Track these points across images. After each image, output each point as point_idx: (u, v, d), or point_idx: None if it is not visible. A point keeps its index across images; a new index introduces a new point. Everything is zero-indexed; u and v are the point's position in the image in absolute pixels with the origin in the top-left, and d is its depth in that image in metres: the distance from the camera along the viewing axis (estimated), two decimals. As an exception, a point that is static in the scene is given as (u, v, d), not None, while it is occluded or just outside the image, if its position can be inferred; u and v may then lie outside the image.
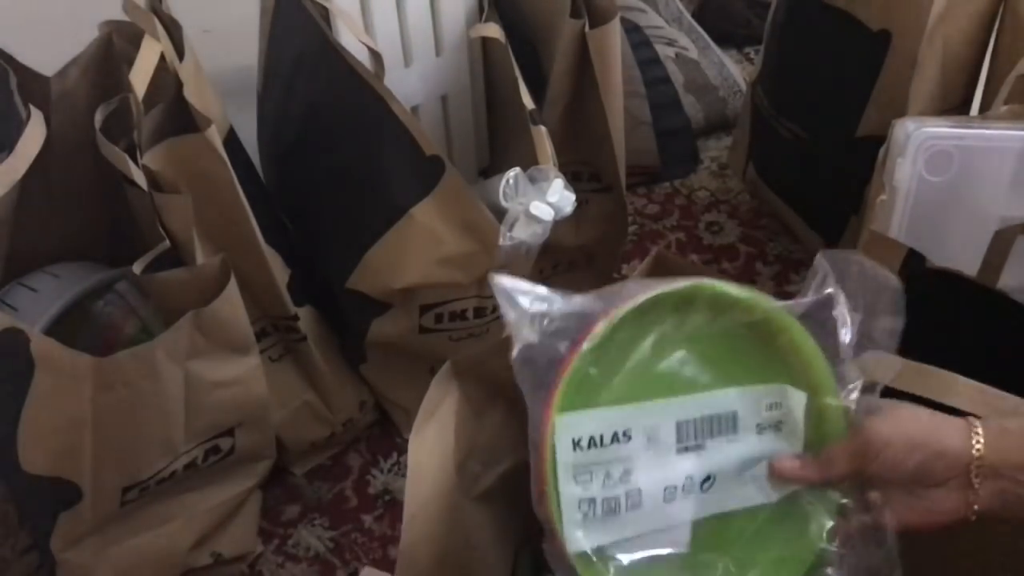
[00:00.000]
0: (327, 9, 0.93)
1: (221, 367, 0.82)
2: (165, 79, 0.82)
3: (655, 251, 0.72)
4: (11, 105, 0.78)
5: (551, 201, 0.86)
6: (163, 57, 0.81)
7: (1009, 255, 0.89)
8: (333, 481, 1.07)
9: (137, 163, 0.77)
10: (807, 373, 0.59)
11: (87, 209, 0.93)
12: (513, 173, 0.84)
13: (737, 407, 0.59)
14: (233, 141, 0.93)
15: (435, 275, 0.90)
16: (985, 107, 1.05)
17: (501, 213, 0.87)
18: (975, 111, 1.08)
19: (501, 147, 1.15)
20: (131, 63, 0.79)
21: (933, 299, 0.60)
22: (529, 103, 0.92)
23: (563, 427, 0.55)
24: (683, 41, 1.51)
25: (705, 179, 1.42)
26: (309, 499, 1.05)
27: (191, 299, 0.77)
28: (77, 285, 0.89)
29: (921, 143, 0.87)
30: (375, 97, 0.85)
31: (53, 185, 0.88)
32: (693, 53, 1.50)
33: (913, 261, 0.78)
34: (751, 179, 1.34)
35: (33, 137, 0.73)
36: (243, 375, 0.85)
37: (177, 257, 0.80)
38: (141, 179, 0.77)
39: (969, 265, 0.88)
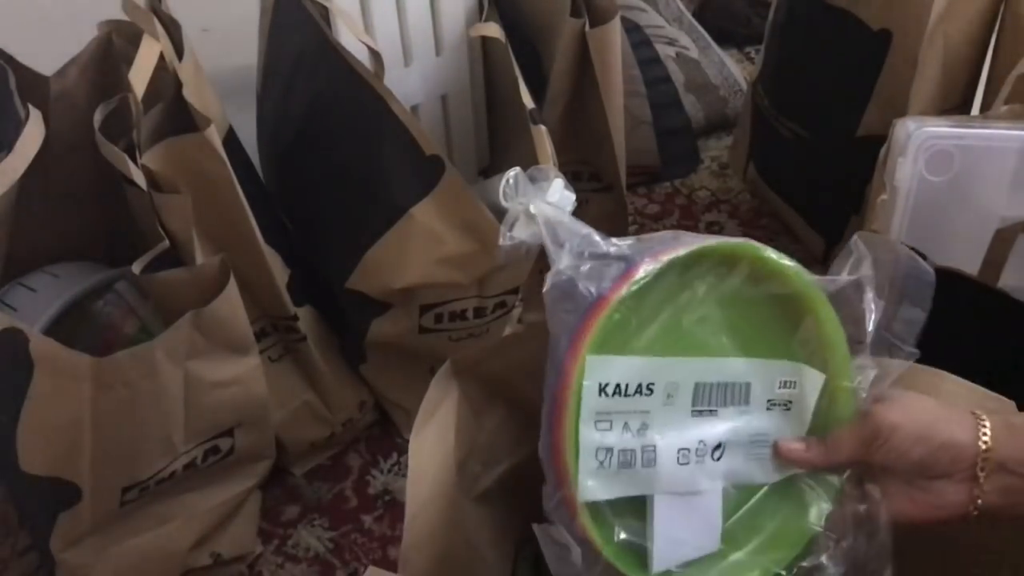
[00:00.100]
0: (327, 8, 0.93)
1: (221, 367, 0.82)
2: (164, 79, 0.82)
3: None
4: (10, 104, 0.77)
5: (551, 201, 0.86)
6: (162, 57, 0.80)
7: (1010, 254, 0.89)
8: (333, 481, 1.06)
9: (136, 163, 0.77)
10: (826, 355, 0.59)
11: (86, 209, 0.92)
12: (513, 173, 0.83)
13: (752, 379, 0.58)
14: (232, 141, 0.92)
15: (435, 275, 0.90)
16: (986, 107, 1.05)
17: (501, 213, 0.87)
18: (976, 111, 1.09)
19: (501, 147, 1.15)
20: (130, 62, 0.79)
21: (934, 298, 0.59)
22: (529, 102, 0.92)
23: (593, 368, 0.53)
24: (684, 40, 1.51)
25: (705, 179, 1.42)
26: (309, 499, 1.05)
27: (190, 299, 0.77)
28: (76, 285, 0.89)
29: (922, 143, 0.87)
30: (375, 97, 0.85)
31: (52, 185, 0.88)
32: (694, 52, 1.49)
33: (913, 260, 0.78)
34: (751, 179, 1.34)
35: (32, 136, 0.73)
36: (243, 375, 0.85)
37: (176, 257, 0.80)
38: (140, 179, 0.76)
39: (970, 264, 0.88)
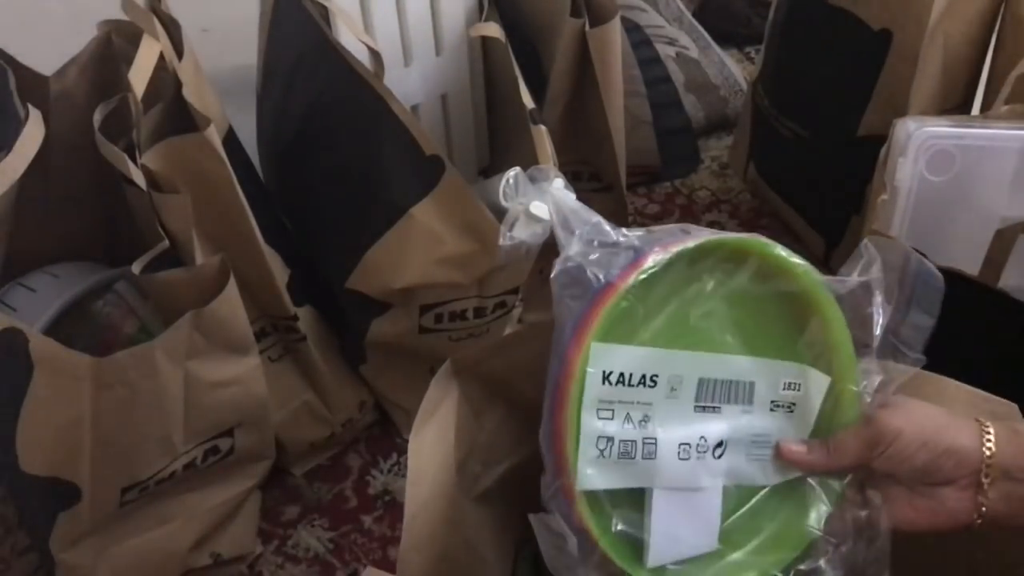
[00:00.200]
0: (327, 8, 0.92)
1: (220, 367, 0.82)
2: (164, 78, 0.82)
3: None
4: (10, 104, 0.77)
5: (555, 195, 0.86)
6: (162, 56, 0.80)
7: (1010, 254, 0.89)
8: (333, 482, 1.06)
9: (136, 163, 0.76)
10: (832, 357, 0.58)
11: (86, 209, 0.92)
12: (513, 173, 0.83)
13: (756, 379, 0.58)
14: (232, 141, 0.92)
15: (435, 275, 0.90)
16: (986, 107, 1.05)
17: (501, 213, 0.87)
18: (976, 111, 1.08)
19: (501, 147, 1.15)
20: (130, 62, 0.78)
21: (934, 298, 0.59)
22: (529, 102, 0.92)
23: (598, 355, 0.53)
24: (684, 40, 1.51)
25: (706, 179, 1.42)
26: (309, 500, 1.05)
27: (190, 299, 0.77)
28: (76, 285, 0.89)
29: (922, 143, 0.87)
30: (375, 96, 0.85)
31: (52, 185, 0.88)
32: (694, 52, 1.49)
33: (914, 260, 0.78)
34: (752, 179, 1.34)
35: (32, 136, 0.73)
36: (242, 375, 0.84)
37: (176, 257, 0.80)
38: (140, 179, 0.76)
39: (970, 264, 0.88)
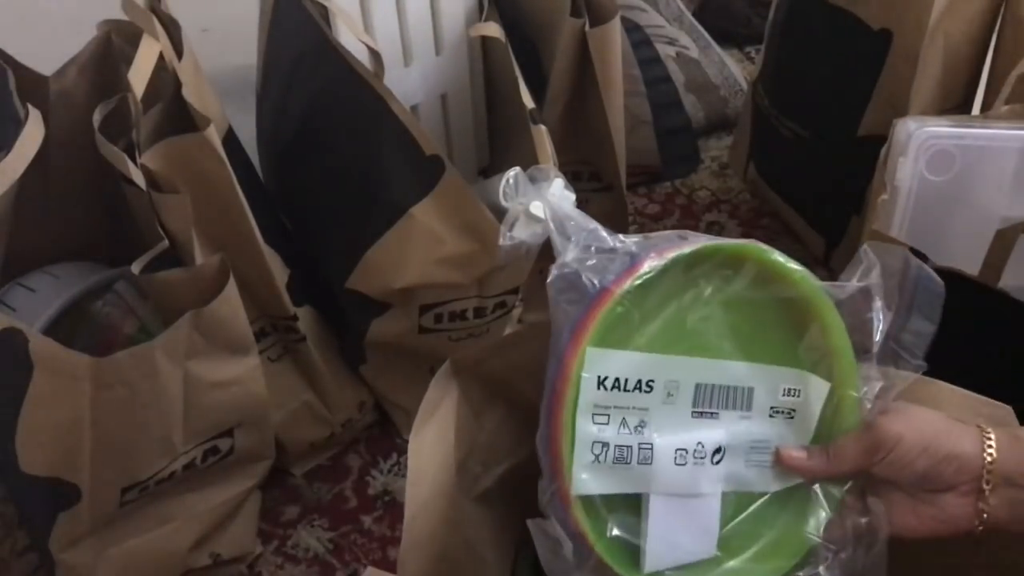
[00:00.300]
0: (326, 8, 0.92)
1: (220, 367, 0.82)
2: (164, 78, 0.82)
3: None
4: (9, 104, 0.77)
5: (551, 201, 0.86)
6: (162, 56, 0.80)
7: (1010, 255, 0.89)
8: (332, 482, 1.06)
9: (136, 162, 0.76)
10: (832, 363, 0.58)
11: (85, 209, 0.92)
12: (513, 173, 0.83)
13: (755, 384, 0.58)
14: (232, 140, 0.92)
15: (435, 275, 0.90)
16: (986, 106, 1.04)
17: (501, 213, 0.86)
18: (976, 110, 1.08)
19: (501, 147, 1.15)
20: (130, 62, 0.78)
21: (934, 298, 0.59)
22: (529, 102, 0.92)
23: (593, 360, 0.54)
24: (684, 40, 1.51)
25: (706, 179, 1.42)
26: (308, 500, 1.05)
27: (190, 299, 0.77)
28: (76, 285, 0.89)
29: (922, 142, 0.87)
30: (375, 96, 0.85)
31: (51, 185, 0.88)
32: (694, 52, 1.49)
33: (915, 260, 0.77)
34: (752, 179, 1.34)
35: (31, 136, 0.73)
36: (242, 375, 0.84)
37: (176, 257, 0.80)
38: (140, 179, 0.76)
39: (971, 264, 0.88)
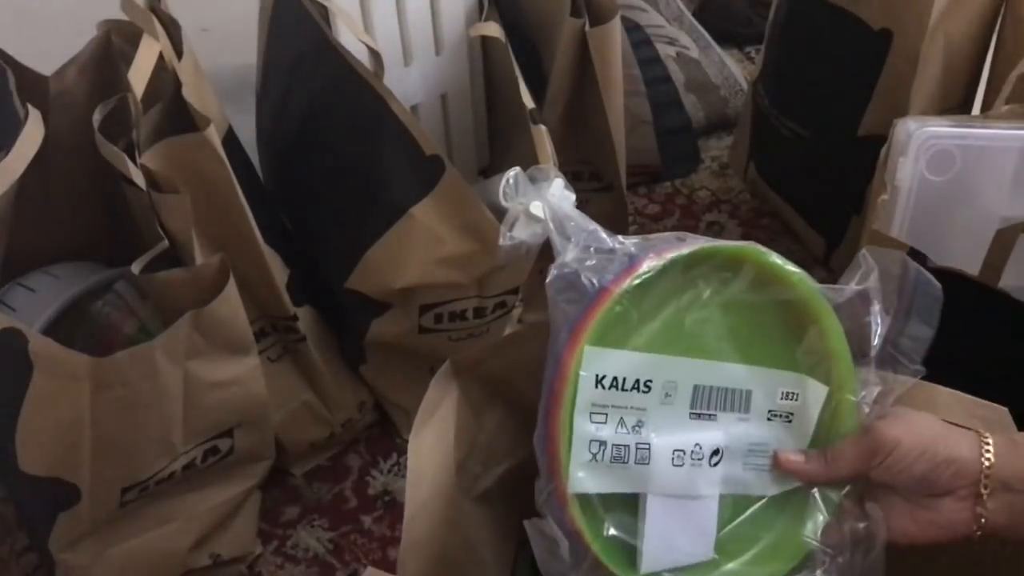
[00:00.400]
0: (326, 8, 0.92)
1: (220, 367, 0.82)
2: (164, 78, 0.82)
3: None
4: (9, 104, 0.77)
5: (551, 201, 0.86)
6: (162, 56, 0.80)
7: (1011, 254, 0.89)
8: (332, 482, 1.06)
9: (136, 163, 0.76)
10: (830, 366, 0.58)
11: (85, 209, 0.92)
12: (513, 173, 0.83)
13: (753, 387, 0.58)
14: (232, 140, 0.92)
15: (435, 275, 0.90)
16: (987, 106, 1.04)
17: (501, 213, 0.86)
18: (976, 110, 1.08)
19: (501, 147, 1.15)
20: (129, 62, 0.78)
21: (935, 298, 0.59)
22: (529, 102, 0.92)
23: (590, 359, 0.54)
24: (684, 40, 1.51)
25: (706, 179, 1.42)
26: (308, 500, 1.05)
27: (190, 299, 0.77)
28: (75, 285, 0.89)
29: (923, 142, 0.87)
30: (374, 96, 0.85)
31: (51, 185, 0.88)
32: (694, 52, 1.49)
33: (915, 260, 0.77)
34: (752, 179, 1.34)
35: (31, 136, 0.73)
36: (242, 375, 0.84)
37: (176, 257, 0.80)
38: (139, 179, 0.76)
39: (971, 264, 0.88)
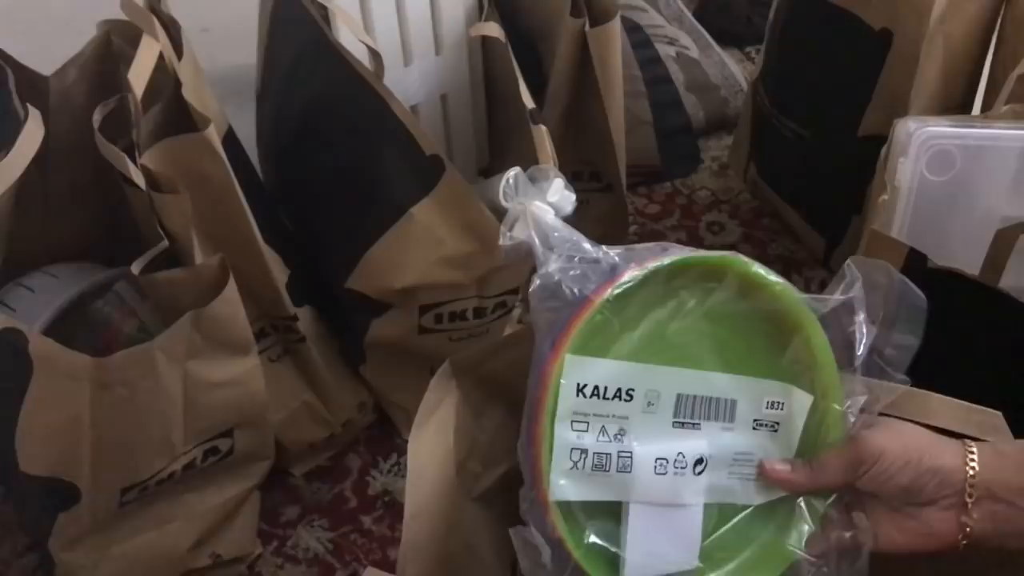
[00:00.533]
0: (326, 8, 0.92)
1: (220, 367, 0.82)
2: (163, 78, 0.82)
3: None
4: (9, 104, 0.77)
5: (551, 201, 0.86)
6: (162, 56, 0.80)
7: (1011, 254, 0.89)
8: (332, 482, 1.06)
9: (136, 163, 0.76)
10: (815, 376, 0.58)
11: (85, 209, 0.92)
12: (513, 173, 0.83)
13: (738, 396, 0.58)
14: (232, 140, 0.92)
15: (435, 275, 0.90)
16: (987, 107, 1.04)
17: (501, 213, 0.86)
18: (977, 111, 1.08)
19: (501, 147, 1.15)
20: (129, 62, 0.78)
21: (935, 298, 0.59)
22: (529, 102, 0.92)
23: (572, 367, 0.54)
24: (684, 40, 1.51)
25: (706, 179, 1.42)
26: (308, 500, 1.05)
27: (190, 299, 0.77)
28: (75, 285, 0.89)
29: (923, 142, 0.87)
30: (374, 96, 0.85)
31: (51, 185, 0.88)
32: (694, 52, 1.49)
33: (915, 260, 0.77)
34: (752, 179, 1.34)
35: (31, 136, 0.73)
36: (242, 375, 0.84)
37: (176, 257, 0.80)
38: (139, 179, 0.76)
39: (971, 264, 0.88)
